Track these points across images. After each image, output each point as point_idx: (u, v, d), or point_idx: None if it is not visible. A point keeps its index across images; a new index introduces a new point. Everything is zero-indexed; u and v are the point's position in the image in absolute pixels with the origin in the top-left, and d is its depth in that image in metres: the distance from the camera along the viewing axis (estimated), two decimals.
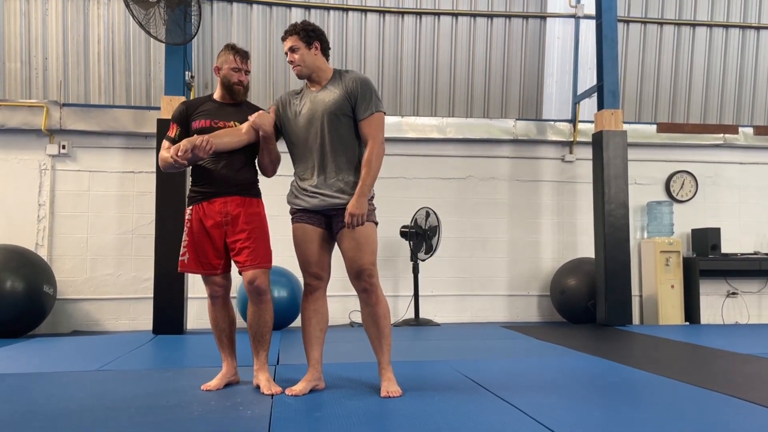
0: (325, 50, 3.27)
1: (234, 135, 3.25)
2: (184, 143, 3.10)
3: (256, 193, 3.40)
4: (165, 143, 3.39)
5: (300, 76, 3.26)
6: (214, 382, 3.34)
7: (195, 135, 3.23)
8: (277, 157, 3.36)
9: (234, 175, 3.28)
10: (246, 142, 3.28)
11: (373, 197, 3.23)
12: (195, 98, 3.55)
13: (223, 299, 3.38)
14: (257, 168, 3.44)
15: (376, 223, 3.22)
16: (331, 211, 3.15)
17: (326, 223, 3.21)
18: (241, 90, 3.39)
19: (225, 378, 3.39)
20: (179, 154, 3.07)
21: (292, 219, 3.27)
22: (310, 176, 3.18)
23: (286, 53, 3.25)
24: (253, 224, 3.29)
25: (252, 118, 3.24)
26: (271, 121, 3.27)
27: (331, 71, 3.26)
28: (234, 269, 3.37)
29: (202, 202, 3.30)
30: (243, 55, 3.41)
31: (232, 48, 3.41)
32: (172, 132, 3.38)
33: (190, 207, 3.34)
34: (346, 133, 3.15)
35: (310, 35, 3.20)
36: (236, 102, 3.41)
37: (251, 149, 3.34)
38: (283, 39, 3.25)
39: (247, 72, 3.42)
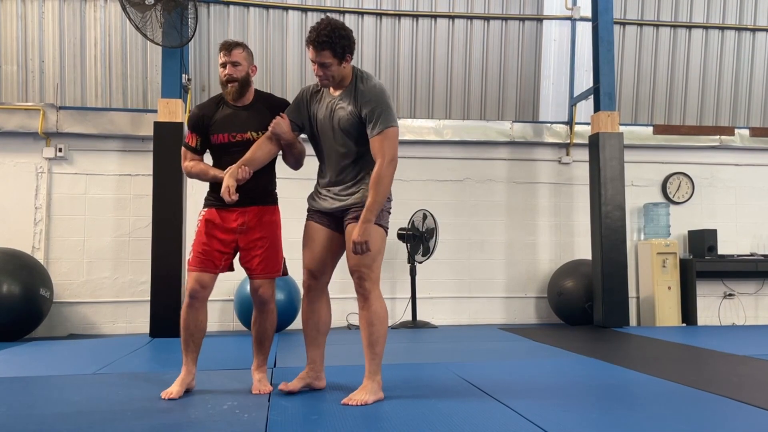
0: (353, 55, 3.08)
1: (264, 149, 3.20)
2: (231, 182, 3.04)
3: (273, 201, 3.40)
4: (187, 154, 3.36)
5: (325, 87, 3.12)
6: (174, 389, 3.22)
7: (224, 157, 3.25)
8: (300, 153, 3.35)
9: (251, 187, 3.23)
10: (276, 152, 3.26)
11: (390, 199, 3.18)
12: (208, 100, 3.42)
13: (200, 302, 3.28)
14: (275, 173, 3.41)
15: (386, 228, 3.16)
16: (342, 212, 3.15)
17: (337, 225, 3.20)
18: (234, 87, 3.25)
19: (184, 383, 3.26)
20: (232, 198, 3.03)
21: (307, 216, 3.29)
22: (325, 177, 3.20)
23: (313, 62, 3.00)
24: (266, 233, 3.30)
25: (270, 127, 3.18)
26: (288, 126, 3.20)
27: (351, 73, 3.10)
28: (227, 273, 3.40)
29: (219, 209, 3.27)
30: (226, 47, 3.26)
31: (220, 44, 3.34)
32: (193, 141, 3.34)
33: (206, 208, 3.32)
34: (359, 142, 3.09)
35: (344, 50, 2.98)
36: (247, 103, 3.31)
37: None
38: (314, 47, 2.96)
39: (236, 64, 3.24)
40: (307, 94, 3.23)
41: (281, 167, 3.43)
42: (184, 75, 6.53)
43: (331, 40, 2.94)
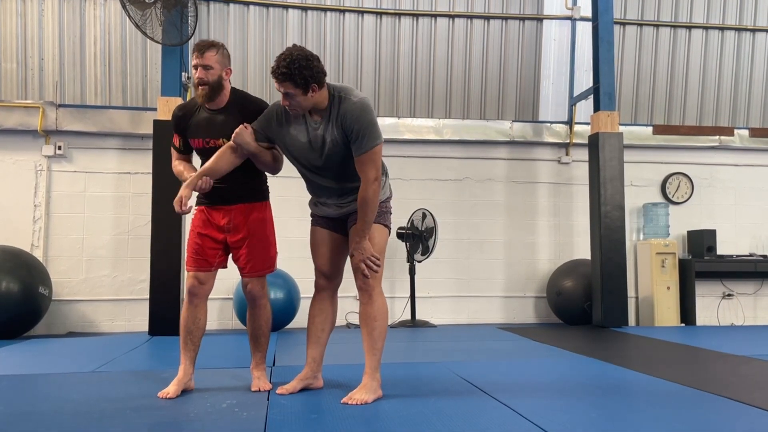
0: (323, 83, 2.94)
1: (225, 159, 3.12)
2: (185, 193, 3.01)
3: (262, 197, 3.36)
4: (174, 153, 3.40)
5: (295, 115, 3.02)
6: (171, 389, 3.18)
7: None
8: (271, 160, 3.25)
9: (235, 188, 3.24)
10: (240, 162, 3.16)
11: (390, 197, 3.23)
12: (190, 101, 3.38)
13: (200, 299, 3.27)
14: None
15: (388, 227, 3.20)
16: (347, 215, 3.17)
17: (342, 227, 3.22)
18: (205, 91, 3.15)
19: (181, 383, 3.22)
20: (183, 209, 2.99)
21: (312, 221, 3.31)
22: (322, 192, 3.18)
23: (279, 90, 2.92)
24: (253, 230, 3.28)
25: (232, 137, 3.10)
26: (251, 136, 3.10)
27: (327, 95, 2.97)
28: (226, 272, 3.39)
29: (208, 207, 3.30)
30: (199, 48, 3.15)
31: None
32: (177, 142, 3.38)
33: (197, 207, 3.33)
34: (353, 163, 3.04)
35: (307, 81, 2.86)
36: (221, 106, 3.23)
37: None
38: (275, 78, 2.89)
39: (207, 67, 3.13)
40: (282, 111, 3.08)
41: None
42: (183, 73, 6.52)
43: (290, 71, 2.83)
